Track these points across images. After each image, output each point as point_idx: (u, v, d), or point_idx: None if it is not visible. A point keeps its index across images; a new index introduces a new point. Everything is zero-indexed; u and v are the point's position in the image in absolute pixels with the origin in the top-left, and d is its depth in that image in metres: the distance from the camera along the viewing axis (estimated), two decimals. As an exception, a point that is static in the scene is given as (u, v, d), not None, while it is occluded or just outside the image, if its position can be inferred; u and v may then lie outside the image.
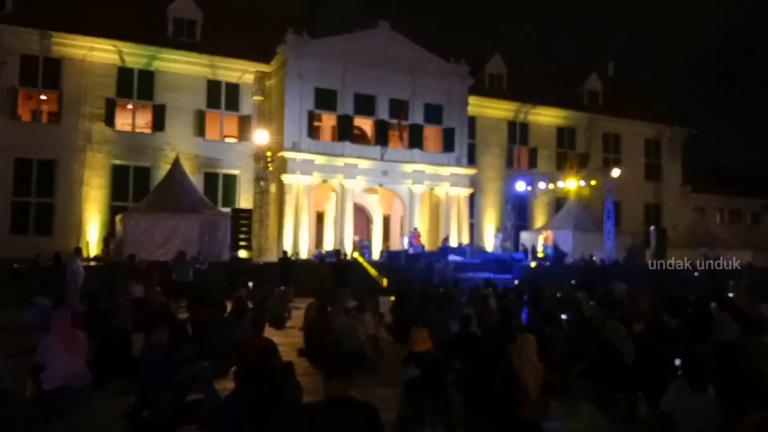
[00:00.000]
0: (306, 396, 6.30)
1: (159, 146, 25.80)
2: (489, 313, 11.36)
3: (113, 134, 25.22)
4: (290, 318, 13.63)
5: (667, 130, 37.59)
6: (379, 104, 27.08)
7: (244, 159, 27.05)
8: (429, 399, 6.11)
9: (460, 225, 28.32)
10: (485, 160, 32.06)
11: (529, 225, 32.95)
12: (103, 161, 24.97)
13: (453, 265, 22.93)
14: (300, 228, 25.15)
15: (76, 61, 24.56)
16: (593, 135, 35.39)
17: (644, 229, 34.06)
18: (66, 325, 7.17)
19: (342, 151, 26.09)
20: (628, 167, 34.80)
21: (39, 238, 23.39)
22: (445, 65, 28.43)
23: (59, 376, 6.74)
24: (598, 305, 12.03)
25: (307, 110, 25.70)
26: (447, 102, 28.52)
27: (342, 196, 26.27)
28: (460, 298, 15.58)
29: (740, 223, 41.48)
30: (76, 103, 24.53)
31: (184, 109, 26.31)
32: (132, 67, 25.56)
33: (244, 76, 27.26)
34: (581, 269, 23.59)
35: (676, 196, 38.00)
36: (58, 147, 24.24)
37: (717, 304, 11.50)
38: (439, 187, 28.09)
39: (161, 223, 20.72)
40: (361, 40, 26.92)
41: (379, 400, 6.04)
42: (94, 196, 24.69)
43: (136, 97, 25.90)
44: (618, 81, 40.03)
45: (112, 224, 23.90)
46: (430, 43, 28.63)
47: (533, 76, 34.75)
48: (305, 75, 25.63)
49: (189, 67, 26.35)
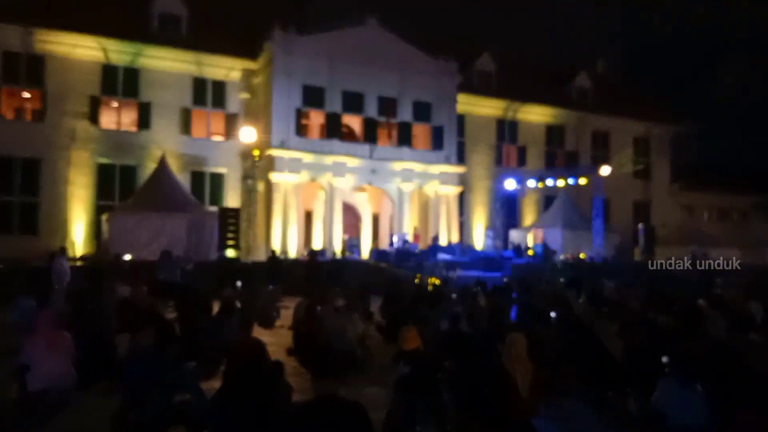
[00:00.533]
0: (295, 396, 6.25)
1: (145, 144, 25.55)
2: (479, 311, 11.35)
3: (98, 132, 24.93)
4: (279, 317, 13.55)
5: (656, 127, 37.85)
6: (367, 102, 27.00)
7: (232, 157, 26.87)
8: (419, 397, 6.07)
9: (450, 223, 28.34)
10: (474, 158, 32.10)
11: (519, 223, 33.04)
12: (88, 160, 24.69)
13: (443, 263, 22.94)
14: (288, 227, 25.05)
15: (59, 58, 24.24)
16: (582, 133, 35.54)
17: (633, 226, 34.29)
18: (51, 326, 7.11)
19: (330, 149, 26.02)
20: (617, 165, 35.01)
21: (24, 237, 23.14)
22: (434, 62, 28.40)
23: (44, 377, 6.68)
24: (588, 303, 12.07)
25: (294, 108, 25.57)
26: (436, 100, 28.51)
27: (331, 194, 26.19)
28: (449, 297, 15.61)
29: (729, 220, 41.88)
30: (60, 100, 24.21)
31: (169, 106, 26.06)
32: (116, 64, 25.27)
33: (231, 73, 27.07)
34: (570, 267, 23.68)
35: (664, 193, 38.27)
36: (43, 145, 23.94)
37: (706, 301, 11.59)
38: (429, 186, 28.09)
39: (147, 223, 20.53)
40: (349, 36, 26.78)
41: (368, 399, 5.99)
42: (79, 195, 24.41)
43: (121, 95, 25.61)
44: (607, 78, 40.25)
45: (97, 224, 23.68)
46: (418, 40, 28.56)
47: (522, 73, 34.81)
48: (293, 72, 25.49)
49: (174, 64, 26.11)
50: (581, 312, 10.99)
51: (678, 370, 5.66)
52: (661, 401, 5.61)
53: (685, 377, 5.58)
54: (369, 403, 4.24)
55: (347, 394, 4.29)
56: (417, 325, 7.74)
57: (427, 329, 8.88)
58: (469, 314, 10.90)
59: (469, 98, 31.23)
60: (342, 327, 9.69)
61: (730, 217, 42.53)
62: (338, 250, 25.39)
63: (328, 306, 11.20)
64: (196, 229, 21.05)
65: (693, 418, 5.47)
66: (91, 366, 7.51)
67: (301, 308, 10.97)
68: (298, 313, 11.19)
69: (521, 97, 33.06)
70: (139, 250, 19.52)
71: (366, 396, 6.65)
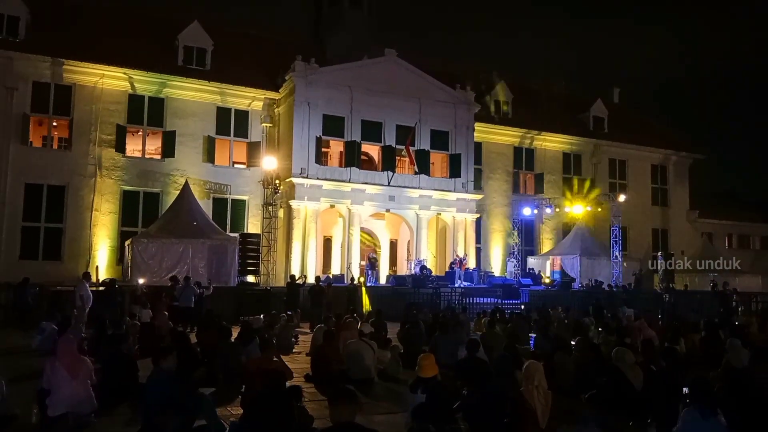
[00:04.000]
0: (315, 424, 6.26)
1: (168, 172, 26.03)
2: (496, 338, 11.31)
3: (123, 160, 25.48)
4: (297, 343, 13.58)
5: (674, 155, 37.64)
6: (386, 130, 27.29)
7: (253, 184, 27.24)
8: (435, 425, 6.07)
9: (467, 250, 28.29)
10: (491, 186, 32.14)
11: (537, 250, 32.85)
12: (113, 187, 25.19)
13: (460, 290, 22.85)
14: (307, 252, 25.20)
15: (87, 88, 24.93)
16: (599, 160, 35.45)
17: (652, 254, 33.89)
18: (71, 350, 7.17)
19: (349, 176, 26.28)
20: (634, 192, 34.81)
21: (48, 263, 23.51)
22: (452, 92, 28.70)
23: (64, 402, 6.71)
24: (606, 331, 11.97)
25: (315, 136, 25.93)
26: (453, 128, 28.72)
27: (349, 220, 26.37)
28: (467, 324, 15.55)
29: (748, 248, 41.20)
30: (86, 129, 24.84)
31: (193, 135, 26.60)
32: (142, 94, 25.92)
33: (253, 103, 27.60)
34: (588, 295, 23.45)
35: (683, 221, 37.85)
36: (69, 173, 24.50)
37: (727, 331, 11.42)
38: (446, 213, 28.14)
39: (170, 248, 20.82)
40: (369, 67, 27.26)
41: (385, 426, 6.02)
42: (103, 221, 24.86)
43: (146, 124, 26.20)
44: (623, 107, 40.23)
45: (121, 249, 24.03)
46: (436, 70, 28.96)
47: (539, 101, 34.94)
48: (313, 102, 25.93)
49: (199, 94, 26.71)
50: (600, 340, 10.91)
51: (698, 400, 5.59)
52: (682, 431, 5.53)
53: (705, 407, 5.50)
54: (386, 431, 4.26)
55: (363, 421, 4.30)
56: (433, 352, 7.75)
57: (442, 356, 8.87)
58: (487, 341, 10.88)
59: (486, 127, 31.41)
60: (358, 353, 9.71)
61: (751, 245, 41.83)
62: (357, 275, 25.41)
63: (346, 333, 11.23)
64: (217, 254, 21.28)
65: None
66: (111, 391, 7.60)
67: (319, 334, 11.01)
68: (316, 339, 11.24)
69: (537, 125, 33.17)
70: (162, 276, 19.76)
71: (383, 423, 6.66)
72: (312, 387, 9.05)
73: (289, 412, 5.67)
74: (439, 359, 7.92)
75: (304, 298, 19.26)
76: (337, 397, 4.14)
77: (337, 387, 4.46)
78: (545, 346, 10.42)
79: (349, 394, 4.22)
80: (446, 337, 11.22)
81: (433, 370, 7.17)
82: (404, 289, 22.48)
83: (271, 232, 26.22)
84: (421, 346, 11.12)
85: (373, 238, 29.99)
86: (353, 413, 4.10)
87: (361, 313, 18.44)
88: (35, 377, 7.68)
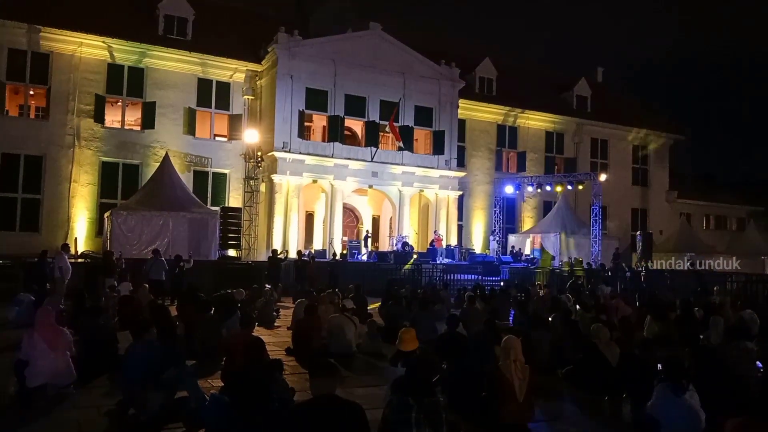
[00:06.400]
0: (296, 396, 6.31)
1: (148, 144, 25.64)
2: (476, 314, 11.43)
3: (102, 131, 25.02)
4: (279, 317, 13.62)
5: (655, 136, 37.95)
6: (369, 105, 27.09)
7: (234, 158, 26.95)
8: (415, 399, 6.14)
9: (449, 227, 28.43)
10: (474, 163, 32.19)
11: (518, 228, 33.11)
12: (92, 158, 24.77)
13: (441, 266, 22.99)
14: (289, 228, 25.13)
15: (65, 56, 24.32)
16: (581, 140, 35.63)
17: (631, 233, 34.37)
18: (50, 322, 7.12)
19: (332, 151, 26.12)
20: (615, 172, 35.12)
21: (25, 234, 23.17)
22: (436, 68, 28.53)
23: (43, 373, 6.70)
24: (583, 308, 12.16)
25: (297, 110, 25.67)
26: (437, 105, 28.61)
27: (332, 196, 26.29)
28: (448, 300, 15.71)
29: (725, 229, 41.97)
30: (64, 98, 24.29)
31: (174, 106, 26.16)
32: (122, 64, 25.37)
33: (235, 74, 27.17)
34: (567, 272, 23.74)
35: (662, 201, 38.35)
36: (46, 143, 24.01)
37: (702, 309, 11.66)
38: (429, 189, 28.18)
39: (150, 221, 20.61)
40: (353, 41, 26.94)
41: (365, 399, 6.07)
42: (82, 192, 24.48)
43: (125, 94, 25.69)
44: (606, 87, 40.36)
45: (100, 221, 23.74)
46: (421, 46, 28.71)
47: (523, 79, 34.95)
48: (296, 75, 25.61)
49: (179, 65, 26.21)
50: (577, 317, 11.08)
51: (670, 377, 5.72)
52: (656, 408, 5.65)
53: (677, 384, 5.63)
54: (366, 404, 4.30)
55: (344, 394, 4.34)
56: (414, 327, 7.82)
57: (422, 331, 8.95)
58: (467, 317, 11.00)
59: (470, 104, 31.34)
60: (340, 327, 9.77)
61: (728, 226, 42.61)
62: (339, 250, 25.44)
63: (327, 307, 11.28)
64: (197, 228, 21.12)
65: (687, 426, 5.52)
66: (90, 363, 7.58)
67: (300, 308, 11.04)
68: (297, 313, 11.27)
69: (521, 103, 33.16)
70: (141, 249, 19.60)
71: (363, 396, 6.72)
72: (293, 360, 9.10)
73: (268, 384, 5.69)
74: (419, 335, 8.01)
75: (285, 272, 19.29)
76: (317, 370, 4.16)
77: (317, 360, 4.48)
78: (524, 322, 10.56)
79: (330, 366, 4.24)
80: (426, 313, 11.33)
81: (414, 344, 7.24)
82: (386, 266, 22.56)
83: (253, 206, 26.07)
84: (402, 322, 11.21)
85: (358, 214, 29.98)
86: (334, 386, 4.12)
87: (342, 288, 18.49)
88: (12, 350, 7.61)
